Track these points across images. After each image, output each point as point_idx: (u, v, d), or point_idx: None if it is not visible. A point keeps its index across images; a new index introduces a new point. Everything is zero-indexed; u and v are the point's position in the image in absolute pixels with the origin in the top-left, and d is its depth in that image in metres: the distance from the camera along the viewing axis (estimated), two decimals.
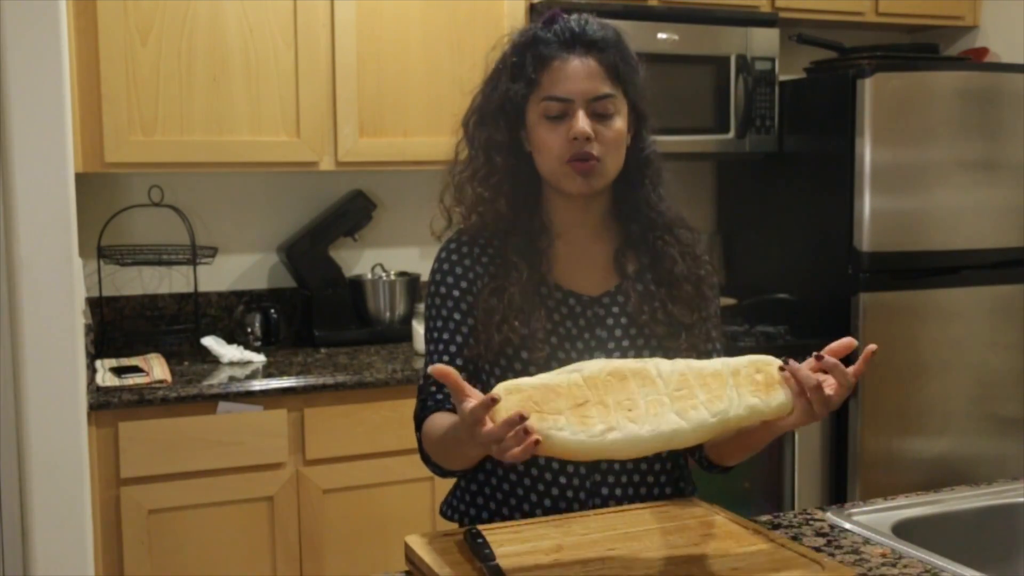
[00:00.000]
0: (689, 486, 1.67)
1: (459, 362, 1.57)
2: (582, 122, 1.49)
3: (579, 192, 1.53)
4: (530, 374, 1.51)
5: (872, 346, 1.33)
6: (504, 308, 1.53)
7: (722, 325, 1.69)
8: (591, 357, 1.53)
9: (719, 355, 1.66)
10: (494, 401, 1.20)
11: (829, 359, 1.31)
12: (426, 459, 1.60)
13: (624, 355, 1.54)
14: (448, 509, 1.69)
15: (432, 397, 1.60)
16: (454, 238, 1.62)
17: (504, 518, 1.56)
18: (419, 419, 1.60)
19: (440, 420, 1.52)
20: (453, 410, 1.57)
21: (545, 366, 1.52)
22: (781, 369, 1.31)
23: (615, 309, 1.58)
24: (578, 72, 1.50)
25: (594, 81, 1.50)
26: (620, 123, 1.53)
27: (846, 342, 1.34)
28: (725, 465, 1.57)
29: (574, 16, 1.55)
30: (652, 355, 1.54)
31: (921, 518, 1.60)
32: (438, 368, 1.23)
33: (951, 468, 3.12)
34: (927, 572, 1.36)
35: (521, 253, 1.56)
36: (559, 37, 1.52)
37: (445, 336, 1.58)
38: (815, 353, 1.32)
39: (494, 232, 1.59)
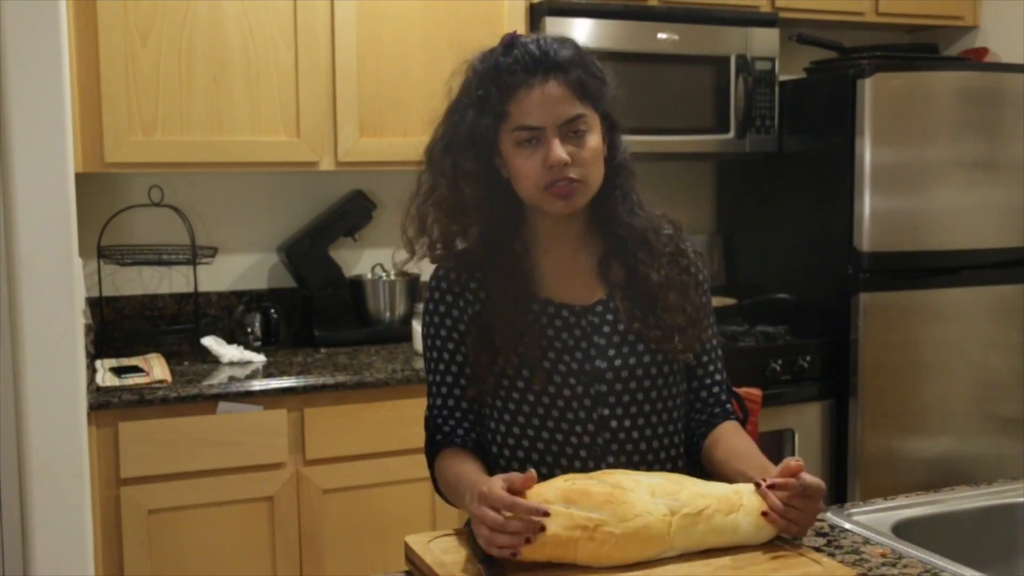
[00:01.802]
0: None
1: (458, 395, 1.60)
2: (557, 150, 1.48)
3: (561, 213, 1.54)
4: (534, 392, 1.54)
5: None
6: (492, 349, 1.54)
7: (715, 324, 1.69)
8: (591, 366, 1.55)
9: (712, 359, 1.67)
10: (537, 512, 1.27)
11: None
12: (440, 492, 1.62)
13: (624, 360, 1.55)
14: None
15: (440, 430, 1.60)
16: (442, 265, 1.62)
17: None
18: (430, 454, 1.62)
19: (453, 465, 1.54)
20: (463, 444, 1.58)
21: (548, 384, 1.54)
22: (757, 485, 1.37)
23: (609, 316, 1.58)
24: (547, 98, 1.49)
25: (562, 105, 1.50)
26: (595, 140, 1.53)
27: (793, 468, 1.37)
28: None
29: (532, 39, 1.54)
30: (651, 358, 1.56)
31: (921, 518, 1.60)
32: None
33: (951, 468, 3.12)
34: (927, 572, 1.36)
35: (500, 284, 1.56)
36: (521, 63, 1.50)
37: (441, 368, 1.60)
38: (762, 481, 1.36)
39: (474, 259, 1.59)
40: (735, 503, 1.35)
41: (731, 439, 1.59)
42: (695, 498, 1.35)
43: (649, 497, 1.33)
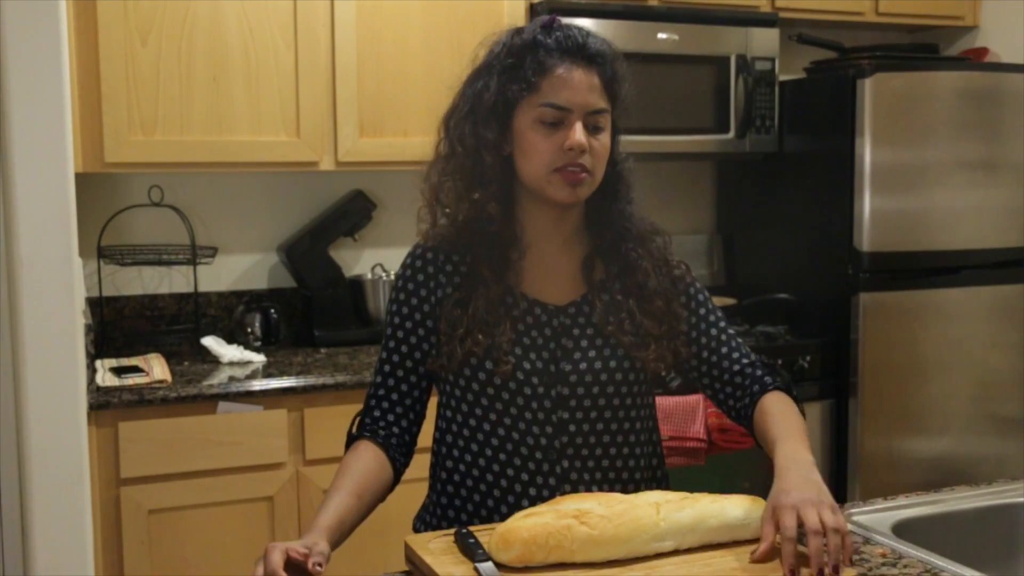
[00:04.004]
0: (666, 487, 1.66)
1: (401, 376, 1.58)
2: (579, 134, 1.48)
3: (564, 201, 1.52)
4: (494, 386, 1.52)
5: None
6: (468, 321, 1.52)
7: (723, 317, 1.68)
8: (556, 368, 1.54)
9: (731, 345, 1.65)
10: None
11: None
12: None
13: (591, 364, 1.54)
14: (421, 525, 1.68)
15: (369, 413, 1.58)
16: (420, 244, 1.61)
17: None
18: (348, 439, 1.59)
19: (346, 470, 1.50)
20: (383, 438, 1.55)
21: (510, 378, 1.52)
22: None
23: (581, 319, 1.56)
24: (581, 84, 1.50)
25: (594, 95, 1.51)
26: (607, 139, 1.54)
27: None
28: None
29: (574, 27, 1.54)
30: (618, 365, 1.55)
31: (921, 518, 1.60)
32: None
33: (951, 468, 3.12)
34: (927, 572, 1.36)
35: (491, 265, 1.55)
36: (561, 46, 1.51)
37: (392, 345, 1.58)
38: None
39: (461, 238, 1.57)
40: (721, 497, 1.41)
41: (765, 414, 1.56)
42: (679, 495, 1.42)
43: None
